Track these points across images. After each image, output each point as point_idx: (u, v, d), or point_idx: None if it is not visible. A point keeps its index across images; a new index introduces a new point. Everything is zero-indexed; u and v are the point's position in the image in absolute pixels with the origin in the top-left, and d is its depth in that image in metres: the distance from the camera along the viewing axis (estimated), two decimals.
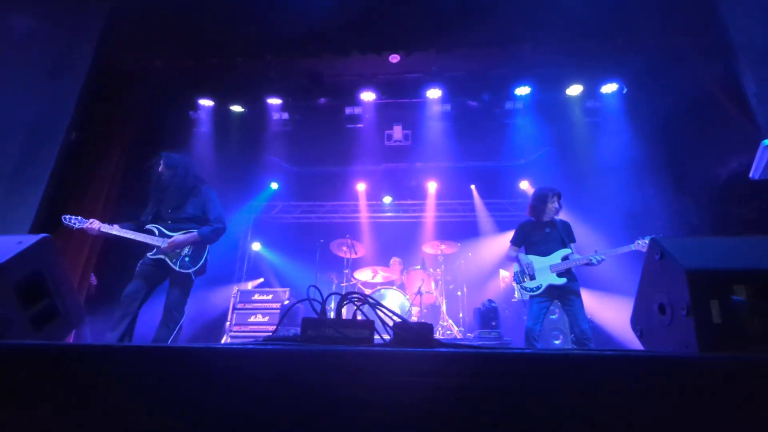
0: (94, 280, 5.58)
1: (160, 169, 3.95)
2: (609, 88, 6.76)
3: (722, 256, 1.40)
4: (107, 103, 5.75)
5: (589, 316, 5.08)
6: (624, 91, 6.73)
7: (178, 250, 3.79)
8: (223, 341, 6.55)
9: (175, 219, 3.89)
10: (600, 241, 6.22)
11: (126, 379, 0.90)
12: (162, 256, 3.73)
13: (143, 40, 5.72)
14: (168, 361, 0.93)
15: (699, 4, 4.80)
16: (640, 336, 1.59)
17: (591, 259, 3.97)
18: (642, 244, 3.90)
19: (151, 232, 3.79)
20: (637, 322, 1.62)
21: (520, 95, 6.93)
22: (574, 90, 6.82)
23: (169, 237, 3.77)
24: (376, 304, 1.32)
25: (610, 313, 6.30)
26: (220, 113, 7.38)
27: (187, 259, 3.80)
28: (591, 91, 6.89)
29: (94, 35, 4.90)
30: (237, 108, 7.37)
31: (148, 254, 3.76)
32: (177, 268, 3.74)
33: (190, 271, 3.79)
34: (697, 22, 5.03)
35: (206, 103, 7.22)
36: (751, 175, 2.23)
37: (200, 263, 3.87)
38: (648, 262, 1.53)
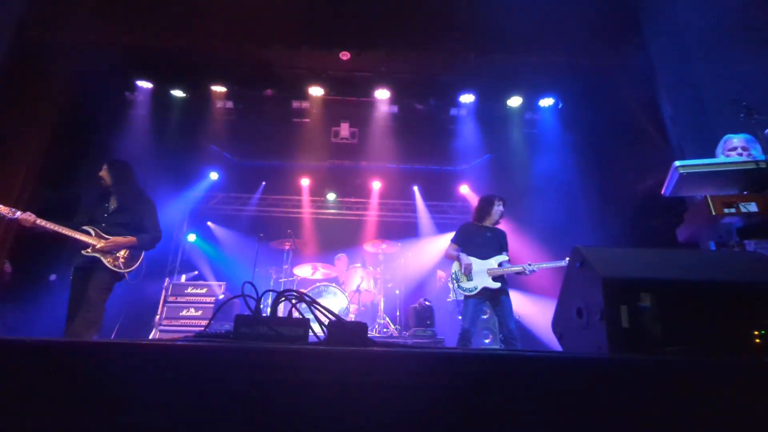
0: (8, 268, 5.13)
1: (102, 173, 3.91)
2: (546, 102, 7.14)
3: (633, 265, 1.53)
4: (31, 77, 5.28)
5: (517, 317, 5.35)
6: (559, 107, 7.14)
7: (114, 252, 3.76)
8: (151, 336, 6.22)
9: (110, 223, 3.86)
10: (531, 247, 6.57)
11: (42, 377, 0.84)
12: (97, 255, 3.69)
13: (74, 11, 5.30)
14: (89, 357, 0.89)
15: (628, 33, 5.21)
16: (560, 338, 1.71)
17: (524, 269, 4.18)
18: None
19: (87, 233, 3.75)
20: (557, 324, 1.73)
21: (465, 102, 7.16)
22: (515, 101, 7.13)
23: (106, 238, 3.75)
24: (312, 302, 1.32)
25: (537, 314, 6.66)
26: (160, 97, 7.00)
27: (122, 261, 3.79)
28: (530, 104, 7.25)
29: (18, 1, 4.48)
30: (178, 93, 7.02)
31: (82, 251, 3.68)
32: (113, 268, 3.72)
33: (122, 271, 3.79)
34: (625, 49, 5.45)
35: (145, 84, 6.82)
36: (663, 192, 2.45)
37: (135, 266, 3.88)
38: (570, 269, 1.64)
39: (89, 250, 3.68)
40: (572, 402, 0.91)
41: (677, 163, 2.28)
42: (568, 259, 4.07)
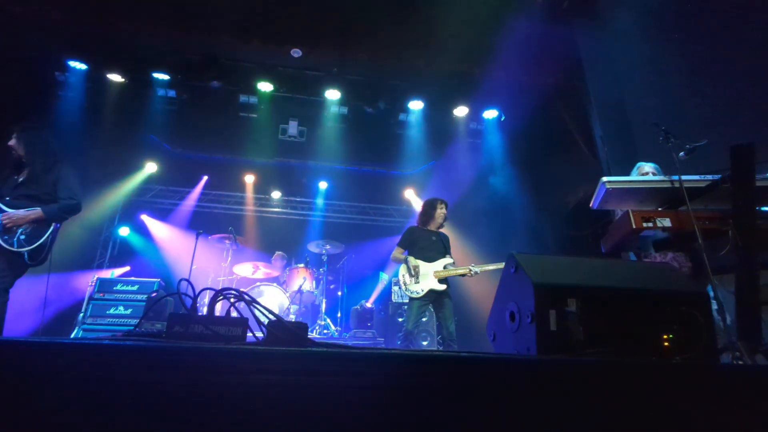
0: None
1: (12, 143, 3.42)
2: (490, 113, 7.43)
3: (562, 272, 1.64)
4: None
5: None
6: (502, 119, 7.46)
7: (14, 228, 3.26)
8: (73, 335, 5.78)
9: (15, 196, 3.38)
10: (470, 253, 6.80)
11: None
12: None
13: None
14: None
15: (569, 55, 5.54)
16: (493, 339, 1.79)
17: (469, 270, 4.30)
18: None
19: None
20: (491, 326, 1.81)
21: (413, 109, 7.29)
22: (461, 111, 7.35)
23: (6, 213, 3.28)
24: (251, 302, 1.30)
25: (475, 316, 6.90)
26: (95, 80, 6.55)
27: (22, 237, 3.27)
28: (475, 115, 7.51)
29: None
30: (116, 77, 6.59)
31: None
32: (5, 245, 3.21)
33: (23, 250, 3.25)
34: (565, 70, 5.79)
35: (78, 65, 6.34)
36: (591, 205, 2.63)
37: (36, 244, 3.32)
38: (505, 274, 1.73)
39: None
40: (505, 399, 0.96)
41: (604, 178, 2.46)
42: None
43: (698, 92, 4.24)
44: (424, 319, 6.09)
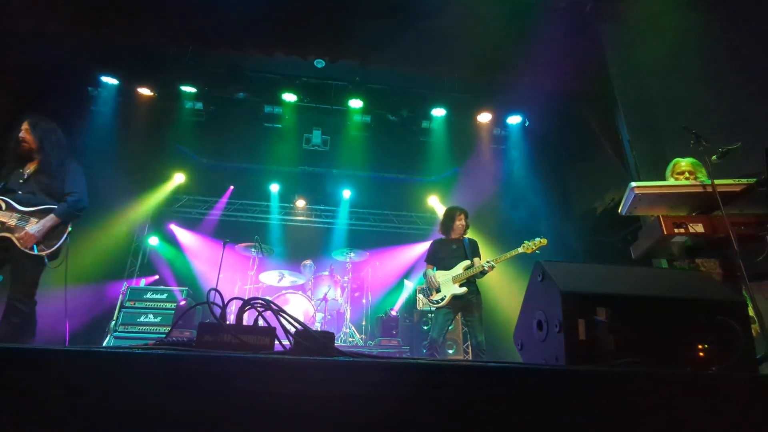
0: None
1: (21, 134, 3.36)
2: (514, 119, 7.36)
3: (591, 280, 1.60)
4: None
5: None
6: (526, 124, 7.37)
7: (37, 234, 3.20)
8: (105, 343, 5.96)
9: (27, 190, 3.30)
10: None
11: None
12: (7, 234, 3.11)
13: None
14: (28, 365, 0.85)
15: (593, 59, 5.45)
16: (521, 348, 1.76)
17: (484, 267, 4.26)
18: (527, 245, 4.26)
19: None
20: (518, 335, 1.78)
21: (436, 116, 7.29)
22: (484, 117, 7.31)
23: (19, 211, 3.18)
24: (279, 311, 1.32)
25: (502, 325, 6.79)
26: (126, 93, 6.81)
27: (42, 241, 3.23)
28: (499, 120, 7.45)
29: None
30: (145, 91, 6.83)
31: None
32: (21, 248, 3.13)
33: (44, 254, 3.20)
34: (589, 74, 5.70)
35: (110, 80, 6.60)
36: (619, 211, 2.57)
37: (57, 246, 3.26)
38: (532, 282, 1.70)
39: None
40: (533, 410, 0.95)
41: (633, 183, 2.40)
42: (524, 243, 4.16)
43: (728, 93, 4.11)
44: (450, 327, 6.05)
